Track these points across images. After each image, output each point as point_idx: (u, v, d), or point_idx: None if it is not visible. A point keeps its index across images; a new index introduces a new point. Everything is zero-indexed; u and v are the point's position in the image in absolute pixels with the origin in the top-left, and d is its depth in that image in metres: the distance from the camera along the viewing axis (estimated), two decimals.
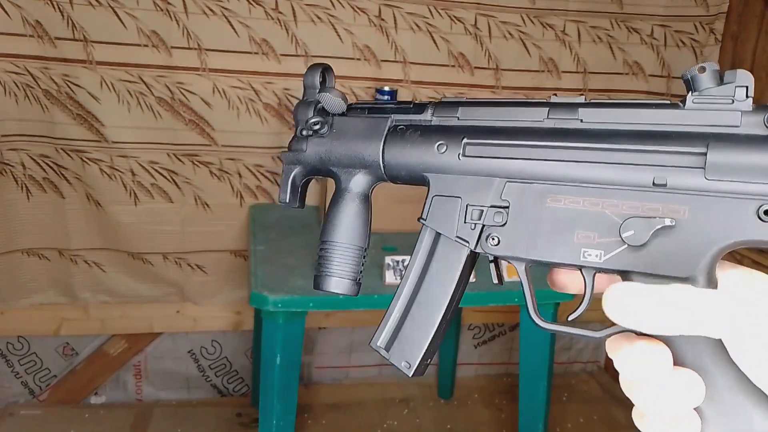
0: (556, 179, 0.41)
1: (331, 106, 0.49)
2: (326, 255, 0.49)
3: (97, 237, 1.83)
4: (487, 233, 0.44)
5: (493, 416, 2.15)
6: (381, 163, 0.48)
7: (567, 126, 0.42)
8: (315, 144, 0.50)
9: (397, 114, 0.48)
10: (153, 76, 1.71)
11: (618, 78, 2.02)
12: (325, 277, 0.48)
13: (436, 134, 0.46)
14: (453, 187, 0.45)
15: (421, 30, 1.85)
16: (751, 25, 1.86)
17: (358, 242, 0.49)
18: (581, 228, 0.40)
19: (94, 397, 2.09)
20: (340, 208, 0.49)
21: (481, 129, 0.44)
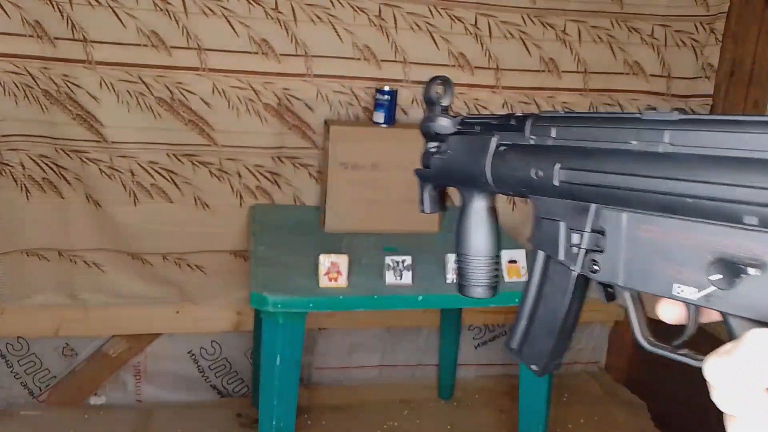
0: (646, 208, 0.39)
1: (441, 130, 0.55)
2: (463, 267, 0.54)
3: (96, 237, 1.83)
4: (589, 258, 0.44)
5: (494, 417, 2.15)
6: (490, 181, 0.51)
7: (657, 149, 0.39)
8: (437, 161, 0.56)
9: (500, 131, 0.51)
10: (152, 76, 1.71)
11: (618, 78, 2.02)
12: (465, 287, 0.54)
13: (532, 158, 0.47)
14: (554, 210, 0.46)
15: (422, 30, 1.85)
16: (751, 24, 1.86)
17: (488, 252, 0.53)
18: (672, 261, 0.38)
19: (94, 397, 2.09)
20: (467, 223, 0.54)
21: (573, 153, 0.44)
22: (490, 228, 0.54)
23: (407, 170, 1.90)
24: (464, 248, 0.54)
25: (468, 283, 0.54)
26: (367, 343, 2.26)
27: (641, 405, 2.23)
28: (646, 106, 2.05)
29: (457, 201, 0.56)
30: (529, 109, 1.99)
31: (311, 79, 1.82)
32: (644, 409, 2.22)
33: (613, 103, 2.05)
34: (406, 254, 1.38)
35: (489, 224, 0.54)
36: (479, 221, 0.53)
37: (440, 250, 1.54)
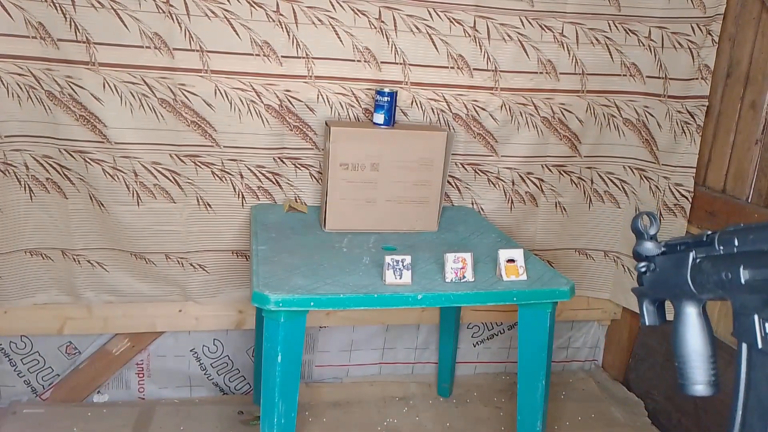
0: None
1: (648, 253, 0.67)
2: (682, 366, 0.62)
3: (99, 237, 1.85)
4: None
5: (492, 414, 2.17)
6: (692, 288, 0.61)
7: None
8: (648, 280, 0.68)
9: (696, 247, 0.61)
10: (155, 77, 1.73)
11: (616, 79, 2.04)
12: (685, 385, 0.62)
13: (721, 264, 0.56)
14: (747, 304, 0.53)
15: (421, 32, 1.87)
16: (748, 26, 1.88)
17: (704, 353, 0.60)
18: None
19: (97, 395, 2.10)
20: (681, 327, 0.62)
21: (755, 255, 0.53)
22: (702, 330, 0.62)
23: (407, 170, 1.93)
24: (681, 349, 0.62)
25: (688, 381, 0.61)
26: (367, 341, 2.29)
27: (638, 402, 2.25)
28: (643, 107, 2.07)
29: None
30: (527, 110, 2.01)
31: (312, 81, 1.84)
32: (641, 406, 2.24)
33: (611, 105, 2.07)
34: (405, 254, 1.40)
35: (699, 326, 0.62)
36: (690, 326, 0.62)
37: (439, 250, 1.56)
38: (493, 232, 1.83)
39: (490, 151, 2.04)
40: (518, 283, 1.43)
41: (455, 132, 1.98)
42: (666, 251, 0.66)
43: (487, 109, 1.98)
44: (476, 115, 1.98)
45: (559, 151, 2.09)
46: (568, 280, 1.47)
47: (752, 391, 0.54)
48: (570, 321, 2.42)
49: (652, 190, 2.11)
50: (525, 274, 1.44)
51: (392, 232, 1.77)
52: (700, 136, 2.00)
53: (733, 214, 1.87)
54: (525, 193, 2.12)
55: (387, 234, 1.75)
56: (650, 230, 0.68)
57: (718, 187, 1.96)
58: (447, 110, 1.96)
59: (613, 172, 2.16)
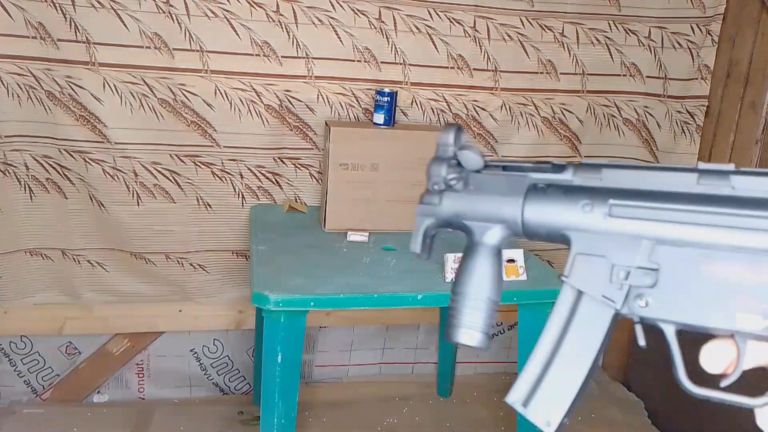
0: (709, 245, 0.40)
1: (469, 162, 0.51)
2: (457, 307, 0.50)
3: (99, 237, 1.85)
4: (635, 293, 0.43)
5: (492, 414, 2.17)
6: (520, 220, 0.49)
7: (719, 192, 0.41)
8: (450, 198, 0.52)
9: (535, 173, 0.49)
10: (155, 77, 1.73)
11: (616, 79, 2.04)
12: (456, 328, 0.49)
13: (580, 193, 0.46)
14: (598, 246, 0.45)
15: (421, 32, 1.87)
16: (747, 26, 1.88)
17: (490, 295, 0.50)
18: (737, 293, 0.39)
19: (97, 395, 2.10)
20: (474, 261, 0.50)
21: (627, 191, 0.44)
22: (496, 270, 0.51)
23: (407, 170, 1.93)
24: (464, 286, 0.50)
25: (461, 324, 0.49)
26: (367, 341, 2.29)
27: (638, 402, 2.25)
28: (642, 107, 2.07)
29: None
30: (527, 110, 2.01)
31: (312, 81, 1.84)
32: (641, 406, 2.24)
33: (611, 105, 2.07)
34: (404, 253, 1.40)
35: (496, 266, 0.51)
36: (487, 261, 0.50)
37: (439, 250, 1.56)
38: None
39: (491, 151, 2.04)
40: (518, 284, 1.43)
41: None
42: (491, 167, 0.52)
43: (487, 109, 1.98)
44: (476, 115, 1.98)
45: (559, 151, 2.09)
46: None
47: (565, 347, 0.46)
48: None
49: None
50: (525, 275, 1.44)
51: (392, 232, 1.77)
52: (700, 136, 2.00)
53: None
54: None
55: (387, 234, 1.75)
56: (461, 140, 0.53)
57: None
58: (447, 110, 1.96)
59: None
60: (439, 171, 0.52)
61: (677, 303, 0.41)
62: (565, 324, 0.46)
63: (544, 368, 0.47)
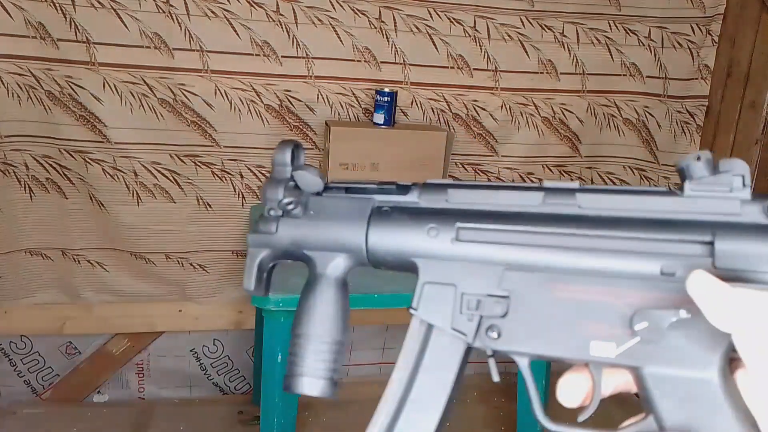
0: (558, 268, 0.38)
1: (307, 185, 0.45)
2: (298, 351, 0.44)
3: (99, 237, 1.85)
4: (486, 325, 0.40)
5: (492, 415, 2.17)
6: (365, 247, 0.44)
7: (565, 212, 0.39)
8: (287, 225, 0.46)
9: (380, 195, 0.45)
10: (155, 77, 1.72)
11: (616, 79, 2.04)
12: (297, 377, 0.43)
13: (426, 216, 0.42)
14: (446, 274, 0.41)
15: (421, 32, 1.86)
16: (747, 26, 1.88)
17: (335, 336, 0.44)
18: (589, 319, 0.37)
19: (97, 395, 2.10)
20: (316, 297, 0.45)
21: (474, 213, 0.41)
22: (341, 305, 0.45)
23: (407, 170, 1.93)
24: (306, 327, 0.44)
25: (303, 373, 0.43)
26: (367, 340, 2.28)
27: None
28: (643, 107, 2.07)
29: None
30: (527, 110, 2.01)
31: (312, 81, 1.84)
32: None
33: (611, 104, 2.07)
34: None
35: (341, 300, 0.45)
36: (331, 296, 0.44)
37: None
38: None
39: (491, 151, 2.04)
40: None
41: (455, 132, 1.98)
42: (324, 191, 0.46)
43: (487, 109, 1.98)
44: (476, 115, 1.98)
45: (559, 151, 2.09)
46: None
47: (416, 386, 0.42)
48: None
49: None
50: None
51: None
52: (700, 136, 2.00)
53: None
54: None
55: None
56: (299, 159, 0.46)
57: None
58: (447, 110, 1.96)
59: (613, 172, 2.16)
60: (275, 195, 0.46)
61: (529, 333, 0.39)
62: (416, 363, 0.43)
63: (395, 416, 0.43)
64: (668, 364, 0.36)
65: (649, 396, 0.38)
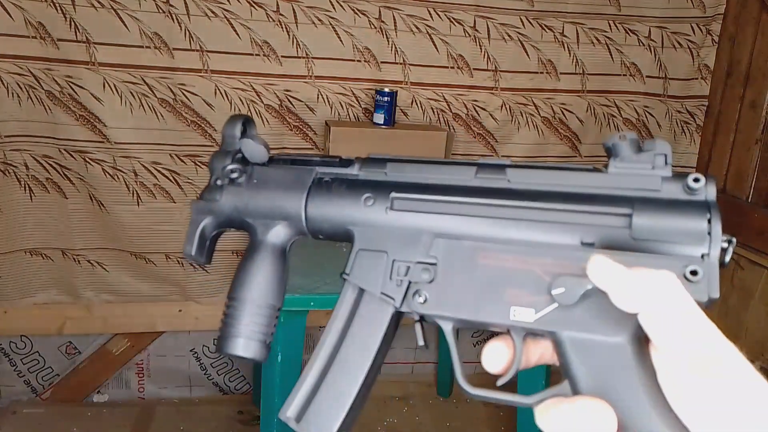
0: (484, 237, 0.40)
1: (253, 154, 0.47)
2: (234, 314, 0.45)
3: (99, 237, 1.85)
4: (414, 290, 0.42)
5: (492, 414, 2.17)
6: (303, 216, 0.45)
7: (495, 185, 0.42)
8: (231, 193, 0.47)
9: (322, 167, 0.47)
10: (155, 77, 1.72)
11: (616, 79, 2.04)
12: (230, 338, 0.44)
13: (363, 187, 0.44)
14: (379, 241, 0.43)
15: (421, 32, 1.86)
16: (747, 26, 1.88)
17: (271, 301, 0.45)
18: (511, 286, 0.39)
19: (97, 395, 2.11)
20: (254, 263, 0.46)
21: (409, 184, 0.43)
22: (280, 273, 0.46)
23: None
24: (243, 291, 0.45)
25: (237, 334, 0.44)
26: None
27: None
28: (643, 106, 2.07)
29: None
30: (527, 110, 2.01)
31: (312, 81, 1.84)
32: None
33: (611, 104, 2.07)
34: None
35: (280, 268, 0.46)
36: (269, 263, 0.46)
37: None
38: None
39: (491, 151, 2.04)
40: None
41: (455, 132, 1.98)
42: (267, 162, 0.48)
43: (487, 109, 1.98)
44: (476, 115, 1.98)
45: (559, 151, 2.09)
46: None
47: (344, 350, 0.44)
48: None
49: None
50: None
51: None
52: (700, 136, 2.00)
53: (733, 215, 1.87)
54: None
55: None
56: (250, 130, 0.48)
57: (718, 187, 1.95)
58: (447, 110, 1.96)
59: None
60: (221, 164, 0.47)
61: (454, 298, 0.41)
62: (344, 326, 0.44)
63: (320, 376, 0.44)
64: (583, 329, 0.37)
65: (566, 361, 0.38)
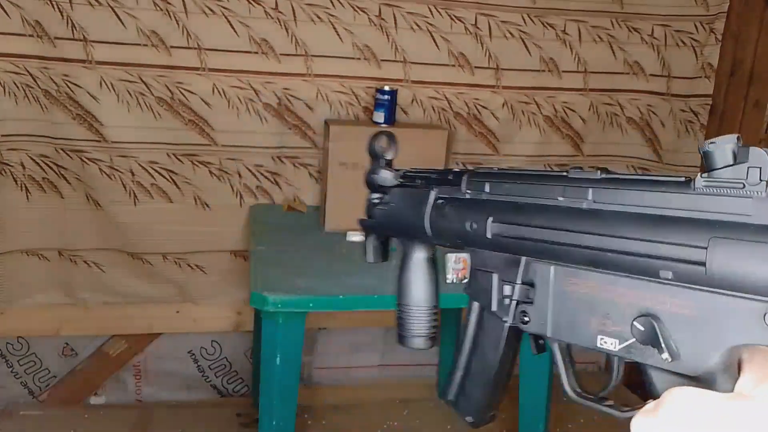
0: (572, 262, 0.41)
1: (384, 182, 0.57)
2: (403, 317, 0.55)
3: (96, 237, 1.83)
4: (520, 309, 0.45)
5: None
6: (429, 233, 0.53)
7: (580, 206, 0.42)
8: (380, 213, 0.57)
9: (439, 185, 0.52)
10: (153, 75, 1.71)
11: (618, 77, 2.02)
12: (405, 337, 0.55)
13: (467, 211, 0.49)
14: (487, 262, 0.47)
15: (422, 29, 1.85)
16: (751, 24, 1.86)
17: (427, 303, 0.54)
18: (596, 314, 0.40)
19: (94, 397, 2.09)
20: (408, 273, 0.55)
21: (504, 207, 0.47)
22: (429, 279, 0.55)
23: None
24: (404, 299, 0.55)
25: (408, 333, 0.54)
26: (367, 342, 2.26)
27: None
28: (646, 105, 2.05)
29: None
30: (529, 108, 1.99)
31: (311, 79, 1.82)
32: None
33: (614, 103, 2.05)
34: None
35: (428, 274, 0.55)
36: (419, 272, 0.55)
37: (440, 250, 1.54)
38: None
39: (492, 150, 2.02)
40: None
41: (456, 131, 1.96)
42: (403, 183, 0.56)
43: (488, 108, 1.96)
44: (478, 113, 1.96)
45: (561, 150, 2.07)
46: None
47: (477, 354, 0.50)
48: None
49: None
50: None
51: None
52: (704, 135, 1.98)
53: None
54: None
55: None
56: (387, 154, 0.57)
57: None
58: (448, 109, 1.94)
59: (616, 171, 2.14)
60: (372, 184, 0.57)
61: (550, 320, 0.43)
62: (475, 335, 0.50)
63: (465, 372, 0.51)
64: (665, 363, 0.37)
65: (649, 385, 0.39)
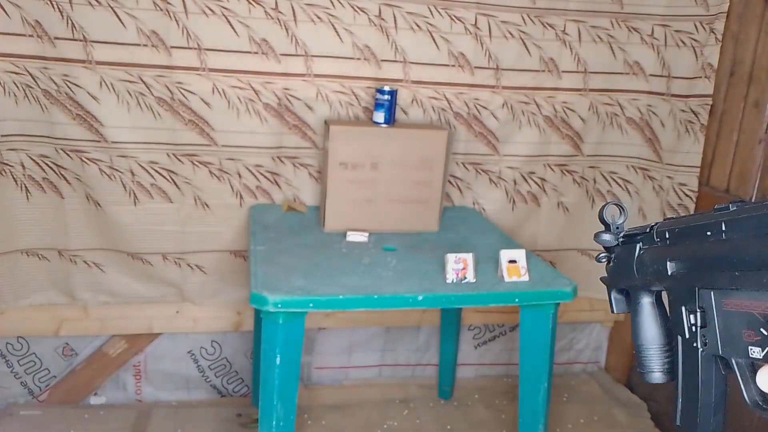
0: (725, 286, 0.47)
1: (607, 243, 0.64)
2: (643, 354, 0.62)
3: (96, 237, 1.83)
4: (701, 334, 0.51)
5: (494, 417, 2.15)
6: (638, 280, 0.60)
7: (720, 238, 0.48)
8: (609, 270, 0.66)
9: (642, 242, 0.60)
10: (152, 75, 1.71)
11: (618, 77, 2.02)
12: (644, 373, 0.63)
13: (655, 256, 0.57)
14: (678, 296, 0.54)
15: (421, 30, 1.85)
16: (751, 24, 1.86)
17: (658, 342, 0.61)
18: (744, 327, 0.46)
19: (94, 397, 2.09)
20: (637, 318, 0.63)
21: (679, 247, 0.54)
22: (655, 319, 0.62)
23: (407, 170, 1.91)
24: (638, 339, 0.62)
25: (645, 369, 0.62)
26: (367, 342, 2.26)
27: (641, 405, 2.23)
28: (646, 105, 2.05)
29: None
30: (529, 108, 1.99)
31: (311, 79, 1.82)
32: (644, 408, 2.21)
33: (613, 103, 2.05)
34: (406, 253, 1.38)
35: (654, 316, 0.62)
36: (646, 315, 0.62)
37: (440, 250, 1.54)
38: (494, 233, 1.81)
39: (492, 150, 2.02)
40: (520, 284, 1.41)
41: (456, 131, 1.96)
42: (624, 242, 0.64)
43: (488, 108, 1.96)
44: (477, 113, 1.96)
45: (561, 150, 2.07)
46: (571, 281, 1.45)
47: (687, 381, 0.55)
48: (572, 322, 2.40)
49: (656, 190, 2.09)
50: (527, 275, 1.42)
51: (392, 233, 1.75)
52: (704, 135, 1.98)
53: None
54: (527, 192, 2.10)
55: (387, 234, 1.73)
56: (618, 220, 0.65)
57: (722, 186, 1.94)
58: (448, 109, 1.94)
59: (616, 171, 2.14)
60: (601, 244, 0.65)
61: (719, 339, 0.49)
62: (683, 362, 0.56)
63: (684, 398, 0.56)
64: None
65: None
